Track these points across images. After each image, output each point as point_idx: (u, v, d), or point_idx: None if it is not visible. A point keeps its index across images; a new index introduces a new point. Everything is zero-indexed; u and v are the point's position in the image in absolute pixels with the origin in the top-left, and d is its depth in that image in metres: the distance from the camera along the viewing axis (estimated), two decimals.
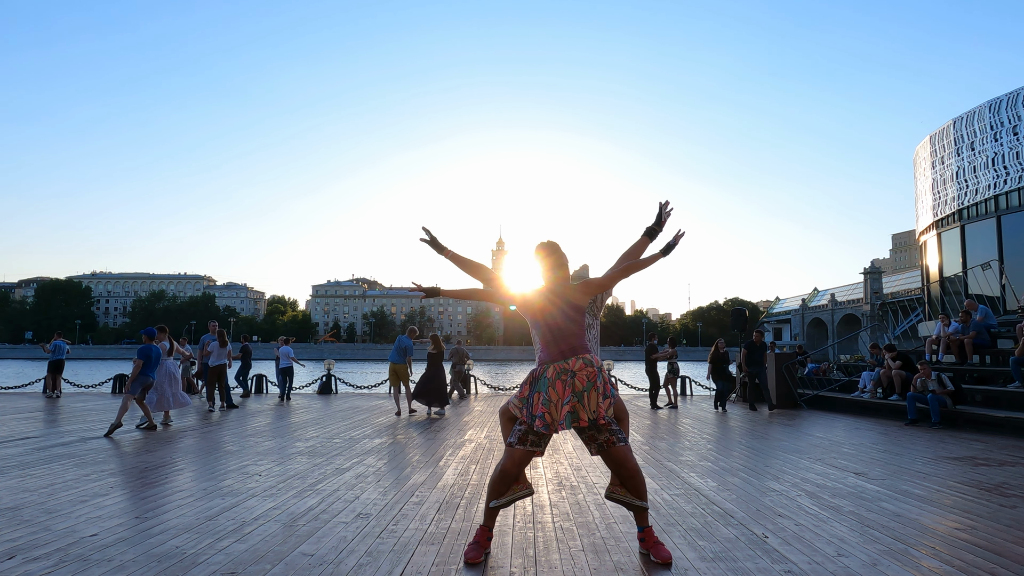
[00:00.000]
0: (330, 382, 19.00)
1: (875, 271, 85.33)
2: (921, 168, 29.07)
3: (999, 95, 24.42)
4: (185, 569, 3.50)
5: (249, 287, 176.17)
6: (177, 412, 12.12)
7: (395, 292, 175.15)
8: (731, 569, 3.59)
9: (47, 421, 10.82)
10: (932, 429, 10.37)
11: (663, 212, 4.14)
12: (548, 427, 3.58)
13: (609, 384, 3.71)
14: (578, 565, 3.65)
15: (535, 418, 3.60)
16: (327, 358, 22.30)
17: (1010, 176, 23.37)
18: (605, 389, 3.65)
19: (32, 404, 14.10)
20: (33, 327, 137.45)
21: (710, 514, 4.83)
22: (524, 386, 3.73)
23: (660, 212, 4.14)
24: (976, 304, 13.14)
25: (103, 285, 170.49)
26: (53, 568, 3.52)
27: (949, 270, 24.28)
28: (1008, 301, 19.06)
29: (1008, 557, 3.80)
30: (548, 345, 3.69)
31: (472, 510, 4.91)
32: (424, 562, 3.69)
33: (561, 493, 5.55)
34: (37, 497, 5.18)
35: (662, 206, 4.15)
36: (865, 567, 3.62)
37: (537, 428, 3.59)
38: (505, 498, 3.76)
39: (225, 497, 5.24)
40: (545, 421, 3.57)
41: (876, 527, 4.46)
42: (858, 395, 13.75)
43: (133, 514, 4.68)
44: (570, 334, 3.68)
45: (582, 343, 3.70)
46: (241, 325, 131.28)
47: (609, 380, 3.75)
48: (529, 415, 3.64)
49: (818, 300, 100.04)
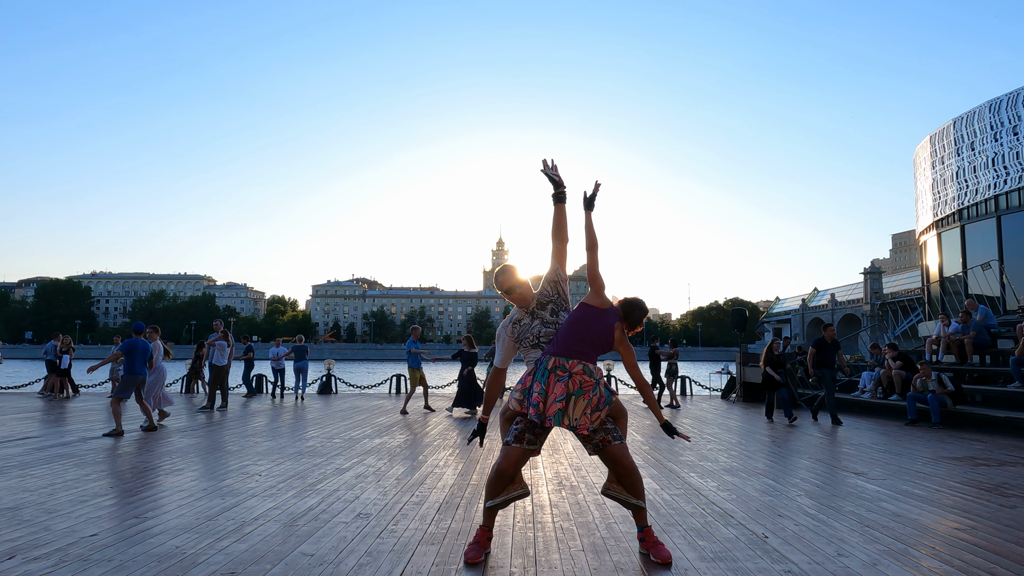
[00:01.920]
0: (330, 382, 19.02)
1: (875, 271, 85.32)
2: (921, 168, 29.07)
3: (999, 95, 24.42)
4: (185, 569, 3.50)
5: (249, 287, 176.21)
6: (177, 412, 12.12)
7: (395, 292, 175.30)
8: (731, 569, 3.59)
9: (47, 421, 10.82)
10: (932, 429, 10.37)
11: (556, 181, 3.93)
12: (539, 417, 3.57)
13: (604, 397, 3.65)
14: (578, 565, 3.65)
15: (531, 406, 3.60)
16: (327, 358, 22.31)
17: (1010, 176, 23.36)
18: (596, 402, 3.61)
19: (32, 404, 14.11)
20: (33, 327, 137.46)
21: (710, 514, 4.83)
22: (527, 376, 3.73)
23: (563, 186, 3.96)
24: (976, 304, 13.14)
25: (103, 285, 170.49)
26: (53, 568, 3.52)
27: (949, 270, 24.28)
28: (1008, 301, 19.05)
29: (1008, 557, 3.80)
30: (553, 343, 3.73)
31: (472, 510, 4.91)
32: (424, 562, 3.69)
33: (561, 493, 5.55)
34: (37, 497, 5.18)
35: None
36: (865, 567, 3.62)
37: (530, 416, 3.58)
38: (501, 498, 3.75)
39: (225, 497, 5.24)
40: (538, 410, 3.57)
41: (876, 527, 4.46)
42: (858, 395, 13.75)
43: (133, 514, 4.68)
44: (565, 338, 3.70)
45: (582, 350, 3.67)
46: (241, 325, 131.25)
47: (608, 387, 3.73)
48: (528, 404, 3.63)
49: (818, 300, 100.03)
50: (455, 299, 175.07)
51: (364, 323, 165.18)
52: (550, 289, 3.88)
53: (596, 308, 3.71)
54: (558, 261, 3.88)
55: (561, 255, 3.88)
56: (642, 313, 3.79)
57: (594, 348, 3.67)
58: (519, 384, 3.76)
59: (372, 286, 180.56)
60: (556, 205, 3.88)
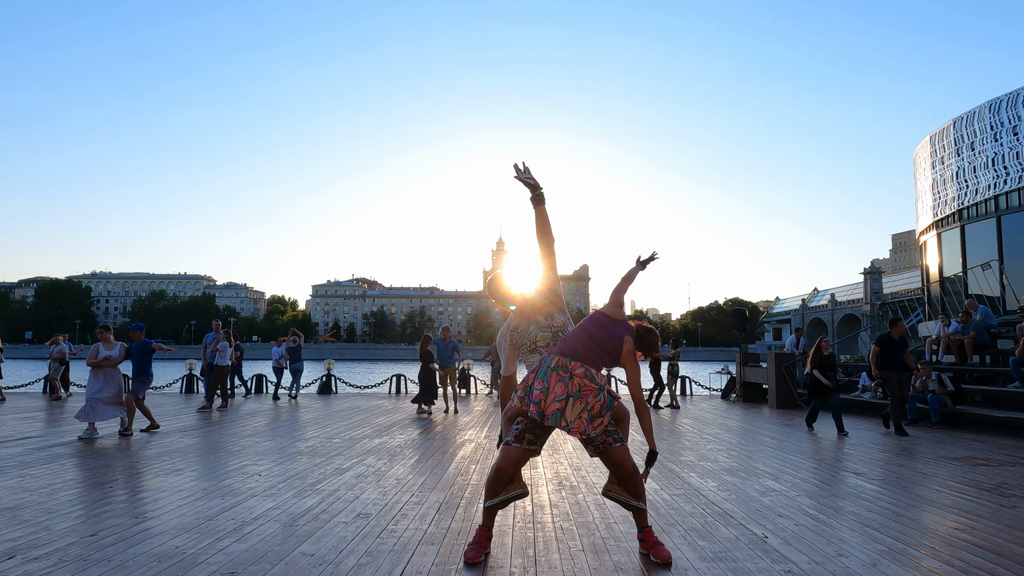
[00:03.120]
0: (330, 382, 19.02)
1: (875, 271, 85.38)
2: (921, 168, 29.06)
3: (999, 95, 24.41)
4: (185, 569, 3.50)
5: (249, 287, 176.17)
6: (176, 412, 12.12)
7: (395, 292, 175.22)
8: (731, 569, 3.59)
9: (47, 421, 10.81)
10: (932, 429, 10.36)
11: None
12: (540, 414, 3.57)
13: (605, 403, 3.63)
14: (578, 565, 3.65)
15: (531, 403, 3.60)
16: (327, 358, 22.31)
17: (1010, 176, 23.36)
18: (598, 409, 3.59)
19: (32, 404, 14.10)
20: (33, 327, 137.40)
21: (710, 514, 4.83)
22: (529, 374, 3.73)
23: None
24: (976, 304, 13.14)
25: (103, 285, 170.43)
26: (53, 568, 3.51)
27: (949, 270, 24.26)
28: (1008, 301, 19.05)
29: (1008, 557, 3.80)
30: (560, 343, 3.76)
31: (472, 510, 4.91)
32: (424, 562, 3.69)
33: (561, 493, 5.55)
34: (37, 497, 5.18)
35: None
36: (865, 567, 3.62)
37: (530, 413, 3.58)
38: (500, 498, 3.74)
39: (225, 497, 5.24)
40: (539, 408, 3.57)
41: (876, 527, 4.46)
42: (858, 395, 13.74)
43: (133, 514, 4.68)
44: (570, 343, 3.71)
45: (588, 355, 3.67)
46: (241, 325, 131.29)
47: (610, 392, 3.72)
48: (529, 402, 3.63)
49: (818, 300, 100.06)
50: (455, 299, 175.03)
51: (364, 323, 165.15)
52: (550, 299, 3.93)
53: (609, 317, 3.74)
54: (548, 263, 3.90)
55: (550, 256, 3.90)
56: (656, 340, 3.80)
57: (599, 354, 3.67)
58: (521, 383, 3.76)
59: (372, 286, 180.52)
60: (536, 207, 3.89)
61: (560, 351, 3.66)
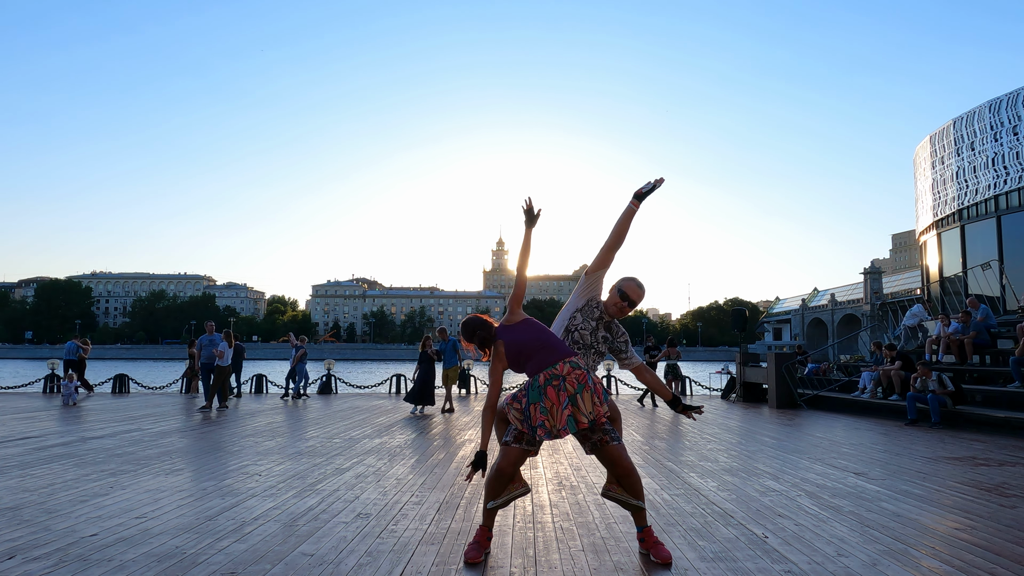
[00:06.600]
0: (330, 382, 19.02)
1: (875, 271, 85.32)
2: (921, 168, 29.04)
3: (999, 95, 24.40)
4: (185, 569, 3.50)
5: (249, 287, 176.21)
6: (176, 412, 12.12)
7: (395, 292, 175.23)
8: (731, 569, 3.58)
9: (47, 421, 10.81)
10: (932, 429, 10.36)
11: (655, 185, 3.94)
12: (550, 434, 3.54)
13: (600, 386, 3.70)
14: (578, 565, 3.65)
15: (535, 429, 3.57)
16: (327, 358, 22.31)
17: (1010, 176, 23.35)
18: (600, 389, 3.64)
19: (32, 404, 14.10)
20: (33, 327, 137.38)
21: (710, 514, 4.83)
22: (520, 394, 3.69)
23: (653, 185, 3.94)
24: (978, 303, 13.13)
25: (103, 285, 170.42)
26: (53, 568, 3.51)
27: (949, 270, 24.25)
28: (1008, 301, 19.04)
29: (1008, 557, 3.80)
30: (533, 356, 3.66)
31: (472, 510, 4.91)
32: (424, 562, 3.69)
33: (561, 493, 5.55)
34: (37, 497, 5.18)
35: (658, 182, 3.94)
36: (865, 567, 3.62)
37: (540, 437, 3.57)
38: (502, 498, 3.74)
39: (225, 497, 5.24)
40: (547, 429, 3.54)
41: (876, 527, 4.46)
42: (858, 395, 13.74)
43: (133, 514, 4.68)
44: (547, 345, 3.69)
45: (565, 348, 3.68)
46: (241, 325, 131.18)
47: (601, 383, 3.73)
48: (530, 427, 3.61)
49: (818, 300, 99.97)
50: (455, 299, 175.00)
51: (364, 323, 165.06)
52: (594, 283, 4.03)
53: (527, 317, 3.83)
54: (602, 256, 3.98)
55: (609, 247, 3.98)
56: (486, 334, 3.73)
57: (564, 343, 3.76)
58: (515, 395, 3.69)
59: (372, 286, 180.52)
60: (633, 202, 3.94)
61: (538, 367, 3.61)
